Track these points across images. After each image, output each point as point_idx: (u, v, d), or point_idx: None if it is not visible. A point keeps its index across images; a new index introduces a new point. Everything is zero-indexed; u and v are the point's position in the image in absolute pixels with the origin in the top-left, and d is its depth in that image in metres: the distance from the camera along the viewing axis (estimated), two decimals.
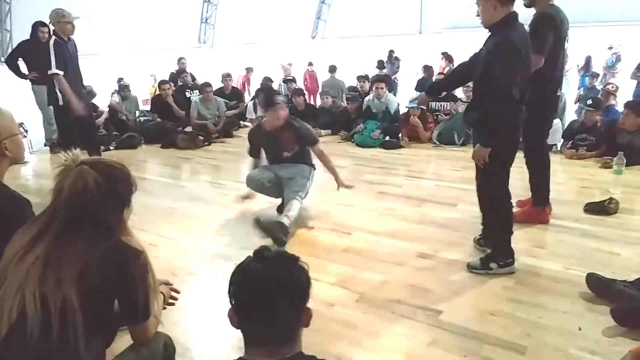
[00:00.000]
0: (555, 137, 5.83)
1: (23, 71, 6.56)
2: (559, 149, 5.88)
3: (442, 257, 3.16)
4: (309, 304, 1.26)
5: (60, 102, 4.80)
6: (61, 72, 4.71)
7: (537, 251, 3.16)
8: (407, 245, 3.34)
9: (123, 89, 7.83)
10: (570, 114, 7.67)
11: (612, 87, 6.47)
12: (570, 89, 9.44)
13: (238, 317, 1.21)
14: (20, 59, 6.55)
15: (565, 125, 6.17)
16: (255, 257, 1.24)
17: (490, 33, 2.70)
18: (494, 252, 2.89)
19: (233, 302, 1.22)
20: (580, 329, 2.29)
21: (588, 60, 10.35)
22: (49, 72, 4.73)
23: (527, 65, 2.67)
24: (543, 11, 3.20)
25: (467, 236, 3.43)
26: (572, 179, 4.89)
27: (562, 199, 4.13)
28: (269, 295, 1.19)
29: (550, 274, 2.86)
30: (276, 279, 1.20)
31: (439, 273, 2.94)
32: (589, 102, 5.68)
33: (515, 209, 3.39)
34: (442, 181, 4.92)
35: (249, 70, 11.15)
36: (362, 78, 8.74)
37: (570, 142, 5.72)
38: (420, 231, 3.60)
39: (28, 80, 6.50)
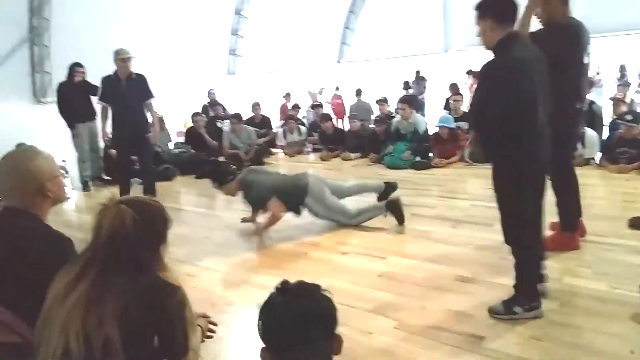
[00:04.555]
0: (593, 149, 5.67)
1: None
2: (597, 162, 5.70)
3: (482, 280, 3.07)
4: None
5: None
6: (103, 104, 5.56)
7: (581, 271, 3.04)
8: (445, 269, 3.27)
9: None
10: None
11: (621, 95, 6.33)
12: (604, 99, 9.21)
13: (271, 355, 1.21)
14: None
15: (602, 137, 6.00)
16: (278, 291, 1.25)
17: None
18: (518, 294, 2.60)
19: (264, 341, 1.22)
20: (632, 352, 2.18)
21: (622, 69, 10.11)
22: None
23: (539, 83, 2.42)
24: (557, 24, 3.10)
25: (506, 257, 3.29)
26: (613, 193, 4.72)
27: (605, 214, 3.99)
28: (300, 326, 1.19)
29: (596, 294, 2.74)
30: (305, 311, 1.20)
31: (479, 297, 2.85)
32: (629, 117, 5.51)
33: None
34: (476, 200, 4.81)
35: (287, 96, 11.39)
36: (380, 101, 8.79)
37: (609, 156, 5.54)
38: (457, 253, 3.52)
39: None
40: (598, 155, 5.78)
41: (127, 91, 5.34)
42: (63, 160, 7.08)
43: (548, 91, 2.51)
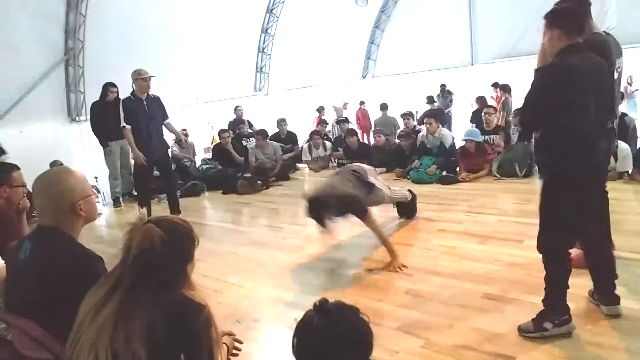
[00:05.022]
0: (626, 163, 5.51)
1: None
2: (630, 176, 5.53)
3: (510, 297, 3.01)
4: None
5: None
6: (128, 126, 5.36)
7: (617, 289, 2.93)
8: (472, 286, 3.21)
9: (178, 142, 8.22)
10: None
11: None
12: (638, 111, 8.97)
13: None
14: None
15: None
16: (318, 312, 1.24)
17: None
18: (547, 309, 2.55)
19: (297, 358, 1.22)
20: None
21: None
22: (120, 126, 5.42)
23: (595, 94, 2.41)
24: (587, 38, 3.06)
25: (535, 274, 3.23)
26: None
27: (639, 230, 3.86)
28: (335, 348, 1.19)
29: (632, 313, 2.64)
30: (342, 333, 1.20)
31: (508, 315, 2.80)
32: None
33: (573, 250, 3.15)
34: (505, 216, 4.73)
35: (321, 109, 11.50)
36: (406, 115, 8.75)
37: None
38: (485, 270, 3.46)
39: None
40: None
41: (150, 110, 5.46)
42: (95, 177, 7.28)
43: (608, 104, 2.55)
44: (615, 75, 3.12)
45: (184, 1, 9.79)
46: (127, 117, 5.38)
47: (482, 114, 7.42)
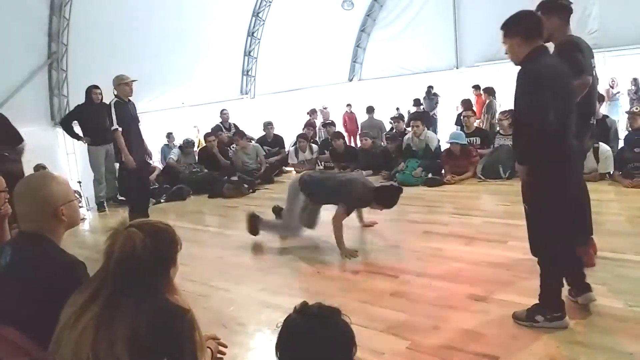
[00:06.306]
0: (607, 164, 5.60)
1: (77, 133, 6.93)
2: (611, 177, 5.62)
3: (495, 298, 3.03)
4: (357, 353, 1.26)
5: (123, 159, 5.45)
6: (120, 128, 5.37)
7: (597, 288, 2.96)
8: (458, 287, 3.24)
9: (188, 144, 8.17)
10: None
11: (637, 109, 6.17)
12: (621, 113, 9.12)
13: None
14: (75, 121, 6.95)
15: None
16: (298, 314, 1.25)
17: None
18: (541, 304, 2.62)
19: None
20: None
21: (636, 82, 10.01)
22: (112, 128, 5.41)
23: (563, 95, 2.49)
24: (563, 39, 3.13)
25: (521, 275, 3.29)
26: (628, 208, 4.65)
27: (621, 230, 3.93)
28: (320, 350, 1.20)
29: (612, 312, 2.69)
30: (324, 334, 1.21)
31: (493, 316, 2.82)
32: None
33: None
34: (489, 217, 4.78)
35: (312, 112, 11.48)
36: (396, 118, 8.80)
37: (623, 171, 5.46)
38: (471, 271, 3.49)
39: (83, 143, 6.92)
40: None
41: (134, 114, 5.54)
42: (78, 182, 7.19)
43: (574, 106, 2.57)
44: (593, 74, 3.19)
45: (170, 5, 9.73)
46: (121, 120, 5.39)
47: (462, 117, 7.51)
